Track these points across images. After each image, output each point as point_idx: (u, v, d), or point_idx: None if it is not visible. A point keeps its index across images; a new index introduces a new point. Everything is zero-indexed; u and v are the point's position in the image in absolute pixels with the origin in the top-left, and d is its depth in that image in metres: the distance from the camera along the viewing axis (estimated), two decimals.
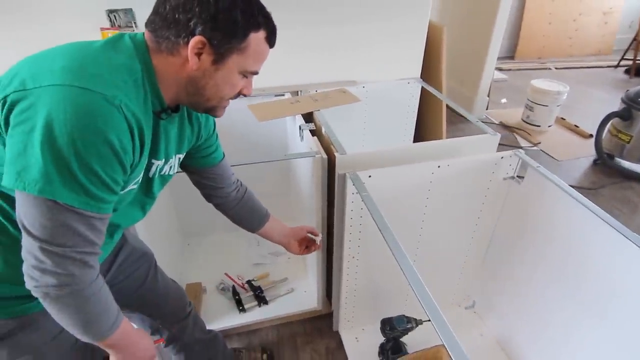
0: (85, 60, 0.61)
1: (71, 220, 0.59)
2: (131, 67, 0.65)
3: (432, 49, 1.87)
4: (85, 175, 0.58)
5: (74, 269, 0.60)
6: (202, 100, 0.73)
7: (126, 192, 0.72)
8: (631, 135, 2.66)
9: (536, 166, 1.21)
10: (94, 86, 0.58)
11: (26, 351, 0.78)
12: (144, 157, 0.70)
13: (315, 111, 1.51)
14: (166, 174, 0.84)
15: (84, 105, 0.56)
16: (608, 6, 5.07)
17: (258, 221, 1.16)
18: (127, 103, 0.61)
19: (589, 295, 1.10)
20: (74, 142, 0.55)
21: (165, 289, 1.13)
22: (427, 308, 0.77)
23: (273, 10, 0.75)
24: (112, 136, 0.58)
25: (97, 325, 0.67)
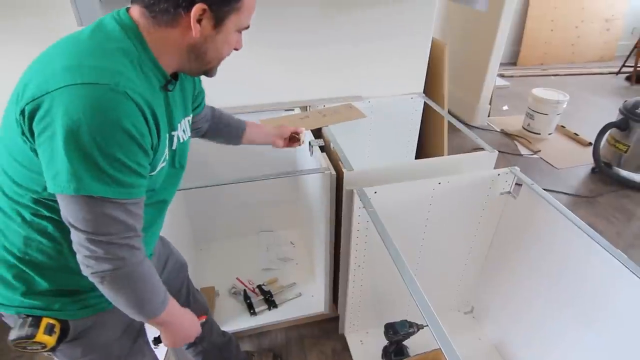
0: (80, 55, 0.63)
1: (109, 210, 0.63)
2: (125, 50, 0.66)
3: (435, 65, 1.96)
4: (111, 165, 0.61)
5: (123, 253, 0.66)
6: (204, 63, 0.75)
7: (158, 172, 0.76)
8: (628, 145, 2.73)
9: (530, 184, 1.30)
10: (97, 79, 0.60)
11: (96, 349, 0.85)
12: (162, 135, 0.72)
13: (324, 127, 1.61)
14: (184, 141, 0.87)
15: (93, 100, 0.59)
16: (610, 13, 5.13)
17: (235, 136, 1.18)
18: (132, 86, 0.63)
19: (577, 304, 1.19)
20: (93, 138, 0.59)
21: (194, 296, 1.24)
22: (425, 315, 0.86)
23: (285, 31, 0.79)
24: (127, 123, 0.61)
25: (149, 303, 0.73)
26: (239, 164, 1.87)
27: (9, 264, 0.74)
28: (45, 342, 0.74)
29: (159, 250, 1.08)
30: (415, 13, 1.75)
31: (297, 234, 2.19)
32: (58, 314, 0.77)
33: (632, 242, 2.30)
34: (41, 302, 0.76)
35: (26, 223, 0.71)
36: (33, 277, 0.75)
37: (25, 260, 0.73)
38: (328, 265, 1.57)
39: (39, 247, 0.73)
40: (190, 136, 0.91)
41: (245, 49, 1.66)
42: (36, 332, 0.73)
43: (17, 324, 0.74)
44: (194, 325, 0.89)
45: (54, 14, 1.33)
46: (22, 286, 0.75)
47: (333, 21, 1.68)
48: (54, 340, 0.75)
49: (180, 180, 0.93)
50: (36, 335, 0.73)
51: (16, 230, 0.72)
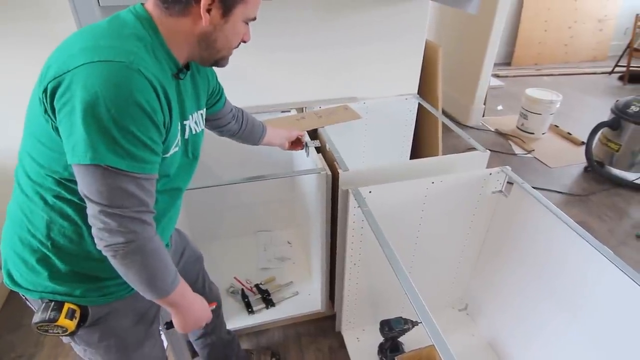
0: (97, 38, 0.68)
1: (122, 183, 0.66)
2: (139, 35, 0.70)
3: (429, 66, 1.99)
4: (124, 138, 0.64)
5: (135, 226, 0.68)
6: (214, 52, 0.79)
7: (171, 156, 0.79)
8: (620, 144, 2.77)
9: (521, 182, 1.33)
10: (113, 57, 0.64)
11: (113, 335, 0.89)
12: (174, 117, 0.76)
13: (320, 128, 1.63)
14: (196, 133, 0.90)
15: (109, 75, 0.63)
16: (603, 14, 5.18)
17: (258, 138, 1.30)
18: (145, 65, 0.67)
19: (567, 300, 1.22)
20: (109, 111, 0.62)
21: (209, 287, 1.29)
22: (419, 312, 0.88)
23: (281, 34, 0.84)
24: (140, 98, 0.64)
25: (160, 280, 0.75)
26: (237, 164, 1.89)
27: (33, 248, 0.78)
28: (67, 326, 0.77)
29: (176, 241, 1.11)
30: (409, 15, 1.78)
31: (294, 233, 2.22)
32: (79, 300, 0.81)
33: (623, 239, 2.34)
34: (63, 287, 0.79)
35: (48, 206, 0.75)
36: (55, 261, 0.78)
37: (48, 244, 0.77)
38: (324, 264, 1.60)
39: (60, 231, 0.76)
40: (203, 129, 0.94)
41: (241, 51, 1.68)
42: (58, 316, 0.77)
43: (41, 308, 0.78)
44: (205, 310, 0.91)
45: (54, 18, 1.35)
46: (45, 271, 0.78)
47: (328, 24, 1.70)
48: (74, 324, 0.78)
49: (194, 171, 0.96)
50: (58, 319, 0.76)
51: (39, 214, 0.76)
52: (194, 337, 1.36)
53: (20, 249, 0.79)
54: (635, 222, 2.48)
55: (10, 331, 1.77)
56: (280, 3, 1.58)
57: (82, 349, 0.89)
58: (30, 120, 0.72)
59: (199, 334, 1.34)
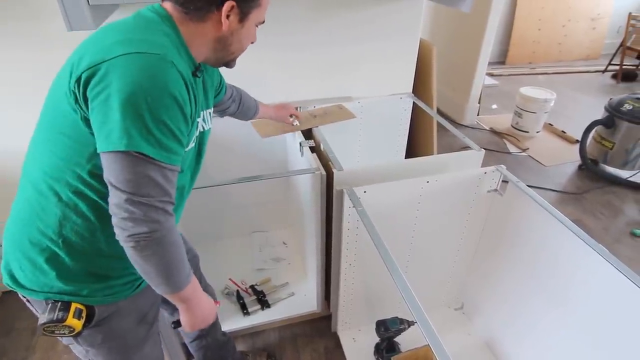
0: (129, 32, 0.71)
1: (150, 172, 0.67)
2: (165, 32, 0.73)
3: (423, 66, 1.99)
4: (157, 127, 0.66)
5: (160, 216, 0.69)
6: (227, 54, 0.84)
7: (188, 152, 0.81)
8: (614, 142, 2.79)
9: (516, 181, 1.32)
10: (147, 49, 0.67)
11: (115, 336, 0.88)
12: (197, 111, 0.79)
13: (314, 127, 1.63)
14: (204, 130, 0.92)
15: (146, 66, 0.65)
16: (596, 12, 5.21)
17: (253, 114, 1.38)
18: (176, 59, 0.70)
19: (562, 299, 1.22)
20: (145, 99, 0.64)
21: (205, 288, 1.28)
22: (414, 312, 0.88)
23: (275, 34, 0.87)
24: (174, 89, 0.67)
25: (177, 273, 0.75)
26: (231, 165, 1.88)
27: (41, 247, 0.77)
28: (74, 325, 0.77)
29: None
30: (403, 14, 1.77)
31: (289, 234, 2.21)
32: (85, 299, 0.81)
33: (618, 237, 2.35)
34: (71, 287, 0.79)
35: (62, 202, 0.74)
36: (64, 259, 0.77)
37: (59, 241, 0.76)
38: (320, 265, 1.59)
39: (73, 228, 0.76)
40: (210, 128, 0.96)
41: None
42: (66, 316, 0.76)
43: (47, 308, 0.77)
44: (212, 308, 0.91)
45: (44, 18, 1.33)
46: (53, 270, 0.78)
47: (322, 23, 1.69)
48: (81, 324, 0.78)
49: (200, 170, 0.97)
50: (66, 319, 0.76)
51: (52, 211, 0.75)
52: (189, 339, 1.35)
53: (27, 248, 0.78)
54: (630, 220, 2.49)
55: (1, 335, 1.75)
56: (274, 2, 1.57)
57: (84, 349, 0.88)
58: (52, 114, 0.73)
59: (194, 336, 1.33)
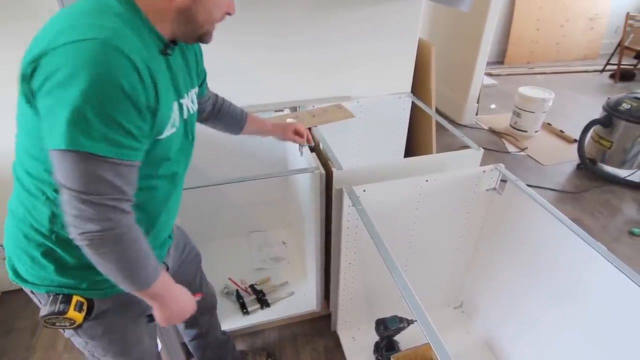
0: (73, 17, 0.65)
1: (99, 169, 0.62)
2: (118, 13, 0.67)
3: (422, 65, 1.99)
4: (101, 121, 0.60)
5: (112, 215, 0.65)
6: (196, 27, 0.75)
7: (167, 138, 0.76)
8: (612, 141, 2.80)
9: (514, 180, 1.33)
10: (89, 34, 0.61)
11: (115, 329, 0.89)
12: (164, 96, 0.72)
13: (313, 127, 1.63)
14: (193, 112, 0.88)
15: (87, 55, 0.59)
16: (594, 12, 5.23)
17: (237, 125, 1.22)
18: (124, 42, 0.63)
19: (562, 297, 1.23)
20: (85, 92, 0.58)
21: (205, 285, 1.28)
22: (414, 310, 0.88)
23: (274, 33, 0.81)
24: (119, 78, 0.61)
25: (140, 271, 0.72)
26: (230, 164, 1.88)
27: (37, 242, 0.77)
28: (75, 318, 0.78)
29: (177, 237, 1.10)
30: (401, 14, 1.78)
31: (289, 233, 2.21)
32: (85, 292, 0.81)
33: (616, 236, 2.36)
34: (70, 280, 0.79)
35: (49, 200, 0.74)
36: (60, 253, 0.78)
37: (52, 237, 0.76)
38: (319, 264, 1.59)
39: (63, 223, 0.74)
40: (197, 110, 0.91)
41: (234, 50, 1.68)
42: (67, 308, 0.77)
43: (49, 301, 0.78)
44: (189, 301, 0.88)
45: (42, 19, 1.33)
46: (51, 264, 0.78)
47: (321, 23, 1.70)
48: (82, 317, 0.79)
49: (192, 153, 0.93)
50: (68, 312, 0.76)
51: (41, 209, 0.75)
52: (189, 338, 1.35)
53: (25, 244, 0.78)
54: (628, 219, 2.50)
55: (1, 335, 1.75)
56: (274, 2, 1.58)
57: (84, 341, 0.89)
58: (20, 115, 0.70)
59: (193, 335, 1.33)
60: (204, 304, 1.26)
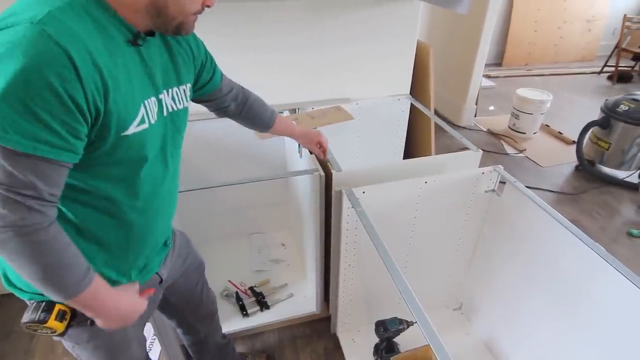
0: (15, 5, 0.61)
1: (5, 161, 0.57)
2: (71, 1, 0.61)
3: (421, 67, 2.00)
4: (16, 112, 0.55)
5: (16, 210, 0.59)
6: (168, 20, 0.70)
7: (136, 135, 0.70)
8: (610, 143, 2.81)
9: (513, 181, 1.33)
10: (19, 21, 0.57)
11: (101, 335, 0.87)
12: (122, 90, 0.66)
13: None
14: (174, 110, 0.82)
15: (11, 41, 0.55)
16: (591, 14, 5.25)
17: (264, 125, 1.20)
18: (57, 27, 0.57)
19: (561, 299, 1.23)
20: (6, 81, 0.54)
21: (207, 294, 1.26)
22: (414, 312, 0.88)
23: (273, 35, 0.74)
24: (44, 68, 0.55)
25: (56, 279, 0.65)
26: (229, 166, 1.88)
27: None
28: (56, 327, 0.75)
29: (180, 244, 1.08)
30: (400, 16, 1.78)
31: (288, 235, 2.21)
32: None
33: (615, 237, 2.37)
34: None
35: None
36: None
37: None
38: (319, 266, 1.59)
39: None
40: (187, 107, 0.87)
41: (233, 52, 1.67)
42: (48, 317, 0.74)
43: (31, 308, 0.76)
44: (135, 305, 0.81)
45: None
46: None
47: (320, 25, 1.70)
48: (63, 326, 0.76)
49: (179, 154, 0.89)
50: (48, 321, 0.74)
51: None
52: (188, 342, 1.35)
53: None
54: (626, 220, 2.50)
55: (1, 338, 1.74)
56: (272, 4, 1.58)
57: (71, 345, 0.88)
58: None
59: (193, 340, 1.32)
60: (203, 312, 1.26)
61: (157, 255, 0.94)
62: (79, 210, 0.73)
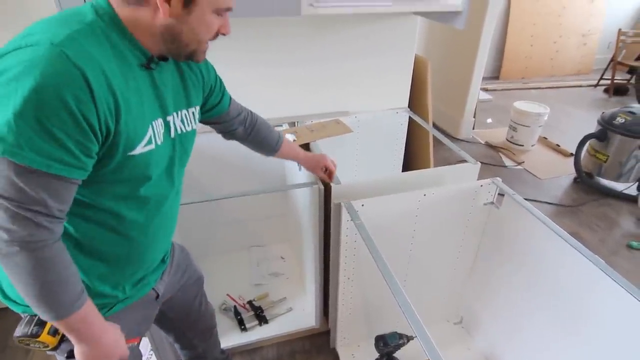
0: (40, 24, 0.62)
1: (13, 174, 0.58)
2: (89, 23, 0.63)
3: (419, 81, 2.01)
4: (32, 129, 0.56)
5: (25, 226, 0.60)
6: (181, 46, 0.71)
7: (142, 156, 0.71)
8: (608, 155, 2.82)
9: (512, 194, 1.34)
10: (39, 41, 0.58)
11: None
12: (133, 112, 0.68)
13: (312, 142, 1.64)
14: (183, 132, 0.83)
15: (29, 60, 0.56)
16: (586, 28, 5.33)
17: (270, 149, 1.20)
18: (78, 47, 0.59)
19: (562, 313, 1.22)
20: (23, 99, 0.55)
21: (205, 308, 1.25)
22: (413, 326, 0.87)
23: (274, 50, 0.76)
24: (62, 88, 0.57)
25: (52, 297, 0.65)
26: (229, 179, 1.88)
27: None
28: (48, 342, 0.75)
29: (178, 258, 1.07)
30: (398, 31, 1.81)
31: (288, 248, 2.20)
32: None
33: (615, 249, 2.36)
34: None
35: None
36: None
37: None
38: (318, 279, 1.58)
39: None
40: (194, 129, 0.89)
41: (233, 66, 1.69)
42: (41, 332, 0.74)
43: (24, 322, 0.75)
44: (118, 345, 0.78)
45: None
46: None
47: (320, 39, 1.73)
48: (56, 341, 0.76)
49: (182, 175, 0.90)
50: (40, 335, 0.74)
51: None
52: (186, 357, 1.33)
53: None
54: (626, 232, 2.50)
55: None
56: (272, 19, 1.60)
57: (63, 358, 0.86)
58: None
59: (191, 355, 1.30)
60: (201, 326, 1.25)
61: (154, 272, 0.93)
62: (80, 225, 0.73)
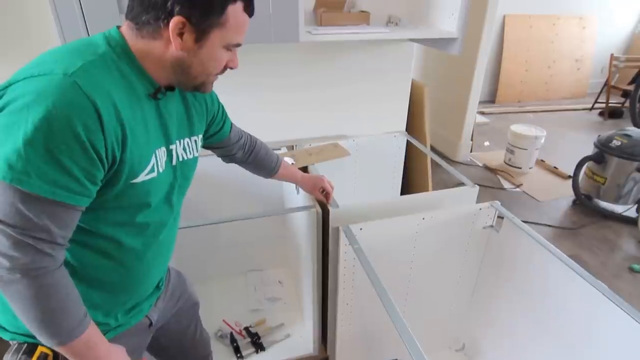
0: (51, 53, 0.64)
1: (18, 201, 0.58)
2: (101, 53, 0.65)
3: (416, 105, 2.04)
4: (41, 157, 0.57)
5: (27, 253, 0.60)
6: (190, 78, 0.73)
7: (144, 183, 0.72)
8: (605, 177, 2.82)
9: (511, 217, 1.33)
10: (51, 70, 0.59)
11: None
12: (139, 141, 0.69)
13: (310, 165, 1.64)
14: (184, 160, 0.84)
15: (41, 89, 0.57)
16: (579, 54, 5.45)
17: (269, 171, 1.24)
18: (89, 78, 0.60)
19: (566, 339, 1.19)
20: (34, 126, 0.56)
21: (201, 335, 1.22)
22: (414, 355, 0.85)
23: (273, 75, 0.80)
24: (72, 117, 0.58)
25: (54, 323, 0.64)
26: (226, 202, 1.88)
27: None
28: None
29: (174, 284, 1.05)
30: (395, 56, 1.85)
31: (285, 272, 2.17)
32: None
33: (616, 272, 2.33)
34: None
35: None
36: None
37: None
38: (316, 304, 1.55)
39: None
40: (196, 157, 0.90)
41: (233, 90, 1.71)
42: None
43: (12, 349, 0.73)
44: None
45: None
46: None
47: (318, 65, 1.76)
48: None
49: (181, 202, 0.90)
50: None
51: None
52: None
53: None
54: (627, 255, 2.48)
55: None
56: (272, 45, 1.64)
57: None
58: None
59: None
60: (196, 354, 1.21)
61: (148, 298, 0.92)
62: (76, 251, 0.72)
